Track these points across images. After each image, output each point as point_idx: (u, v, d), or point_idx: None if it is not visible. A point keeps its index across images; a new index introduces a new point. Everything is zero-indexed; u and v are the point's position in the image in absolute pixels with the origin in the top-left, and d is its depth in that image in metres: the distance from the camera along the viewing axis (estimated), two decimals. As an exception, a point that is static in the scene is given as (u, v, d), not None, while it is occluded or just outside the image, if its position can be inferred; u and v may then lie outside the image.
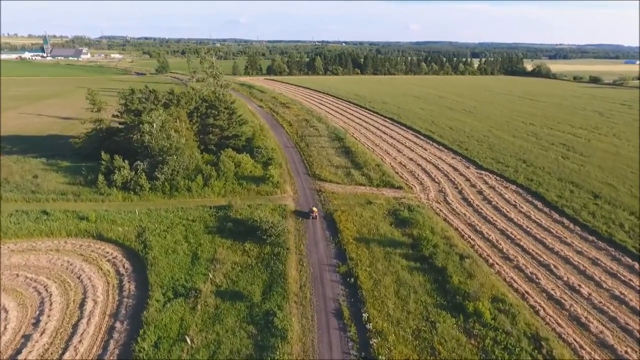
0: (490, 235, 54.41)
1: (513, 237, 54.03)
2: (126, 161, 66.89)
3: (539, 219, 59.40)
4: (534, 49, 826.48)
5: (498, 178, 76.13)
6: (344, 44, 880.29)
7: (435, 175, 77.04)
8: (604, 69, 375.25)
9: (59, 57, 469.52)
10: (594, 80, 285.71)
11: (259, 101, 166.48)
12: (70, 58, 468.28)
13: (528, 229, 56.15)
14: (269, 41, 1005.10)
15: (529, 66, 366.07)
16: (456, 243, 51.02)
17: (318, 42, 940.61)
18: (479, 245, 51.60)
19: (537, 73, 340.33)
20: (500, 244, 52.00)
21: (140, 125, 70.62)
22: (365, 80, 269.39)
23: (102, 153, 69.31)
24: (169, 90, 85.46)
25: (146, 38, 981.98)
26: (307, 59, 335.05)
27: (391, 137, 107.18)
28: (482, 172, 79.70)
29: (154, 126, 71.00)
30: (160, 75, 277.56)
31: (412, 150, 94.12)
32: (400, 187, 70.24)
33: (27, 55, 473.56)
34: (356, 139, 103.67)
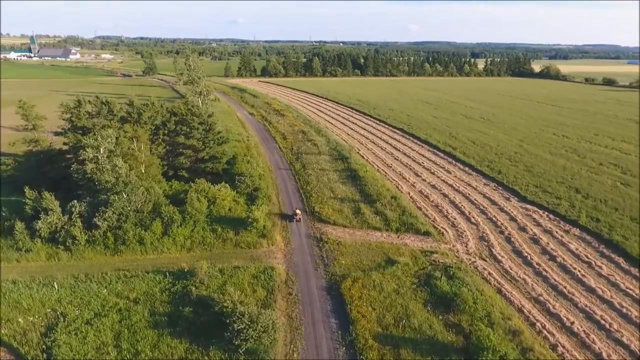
0: (572, 322, 36.93)
1: (606, 325, 36.58)
2: (57, 202, 48.97)
3: (630, 289, 42.01)
4: (532, 49, 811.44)
5: (551, 216, 58.64)
6: (341, 44, 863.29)
7: (469, 213, 59.49)
8: (610, 70, 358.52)
9: (45, 58, 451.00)
10: (608, 82, 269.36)
11: (251, 107, 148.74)
12: (58, 58, 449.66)
13: (623, 310, 38.70)
14: (266, 41, 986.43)
15: (536, 67, 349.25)
16: (529, 343, 33.52)
17: (315, 42, 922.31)
18: (562, 346, 34.07)
19: (545, 74, 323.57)
20: (594, 342, 34.52)
21: (81, 151, 52.83)
22: (367, 82, 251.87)
23: (26, 189, 51.44)
24: (127, 102, 67.58)
25: (142, 38, 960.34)
26: (305, 60, 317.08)
27: (404, 154, 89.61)
28: (528, 206, 62.20)
29: (101, 151, 53.30)
30: (146, 77, 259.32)
31: (433, 174, 76.59)
32: (427, 233, 52.67)
33: (12, 55, 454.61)
34: (363, 157, 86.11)
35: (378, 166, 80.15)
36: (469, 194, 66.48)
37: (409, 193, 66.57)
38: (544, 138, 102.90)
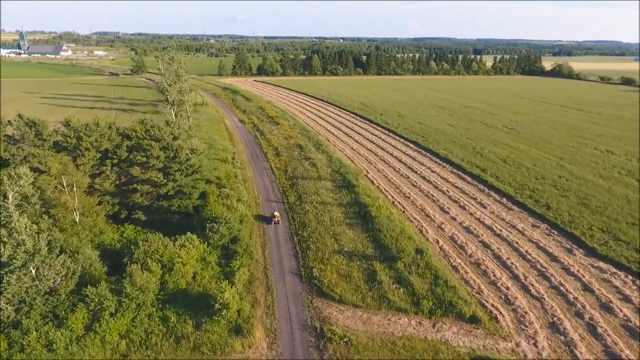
0: None
1: None
2: None
3: None
4: (534, 45, 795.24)
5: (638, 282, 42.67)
6: (341, 40, 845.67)
7: (525, 277, 43.38)
8: (621, 68, 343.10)
9: (35, 55, 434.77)
10: (627, 82, 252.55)
11: (242, 113, 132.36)
12: (48, 55, 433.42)
13: None
14: (265, 37, 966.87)
15: (547, 65, 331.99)
16: None
17: (315, 38, 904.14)
18: None
19: (557, 73, 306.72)
20: None
21: (-24, 201, 36.63)
22: (370, 82, 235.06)
23: None
24: (63, 121, 51.13)
25: (140, 34, 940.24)
26: (304, 57, 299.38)
27: (423, 177, 73.42)
28: (601, 264, 46.10)
29: (9, 198, 37.21)
30: (134, 77, 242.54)
31: (464, 208, 60.41)
32: (475, 319, 36.57)
33: (0, 52, 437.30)
34: (373, 182, 70.06)
35: (393, 197, 64.00)
36: (516, 243, 50.32)
37: (438, 242, 50.41)
38: (585, 154, 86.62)
